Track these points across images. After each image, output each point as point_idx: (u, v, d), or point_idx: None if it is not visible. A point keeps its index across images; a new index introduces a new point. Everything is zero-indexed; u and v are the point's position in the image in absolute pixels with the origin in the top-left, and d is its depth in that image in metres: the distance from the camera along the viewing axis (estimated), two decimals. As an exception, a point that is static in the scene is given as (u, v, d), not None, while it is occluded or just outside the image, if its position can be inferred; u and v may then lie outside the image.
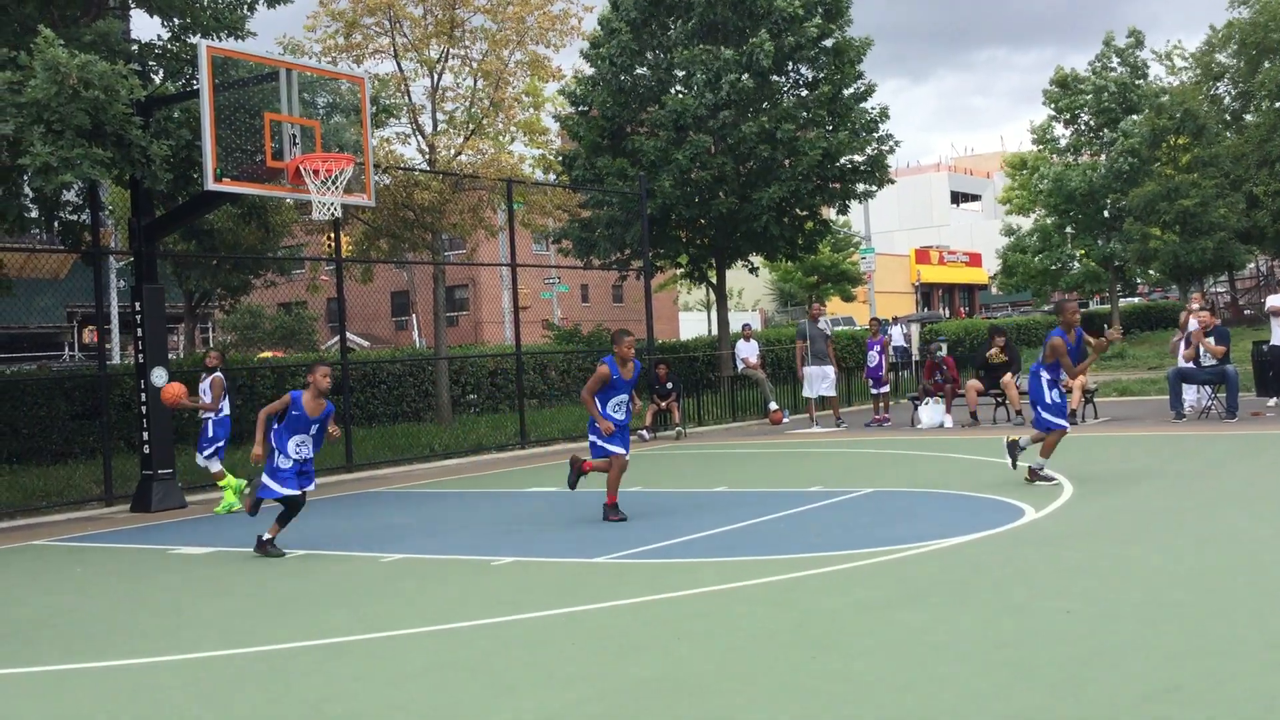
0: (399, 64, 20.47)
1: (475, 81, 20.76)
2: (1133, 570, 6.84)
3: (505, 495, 12.95)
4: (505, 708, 4.82)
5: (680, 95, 24.17)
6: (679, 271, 28.86)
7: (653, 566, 7.89)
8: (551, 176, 24.27)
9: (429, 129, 20.76)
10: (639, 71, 25.15)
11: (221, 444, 12.67)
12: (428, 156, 20.41)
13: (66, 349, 30.93)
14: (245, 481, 12.04)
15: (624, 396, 10.12)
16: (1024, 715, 4.34)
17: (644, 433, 18.95)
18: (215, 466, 12.60)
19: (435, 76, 20.72)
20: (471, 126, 20.52)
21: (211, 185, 12.20)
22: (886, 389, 19.55)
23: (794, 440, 17.46)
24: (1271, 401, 17.18)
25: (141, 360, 13.35)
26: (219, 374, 12.62)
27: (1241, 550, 7.24)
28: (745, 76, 23.17)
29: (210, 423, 12.56)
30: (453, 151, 20.22)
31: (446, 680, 5.34)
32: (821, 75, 24.77)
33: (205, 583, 8.39)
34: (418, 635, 6.23)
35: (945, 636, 5.55)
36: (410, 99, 20.79)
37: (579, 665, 5.43)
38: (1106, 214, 37.40)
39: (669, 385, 19.53)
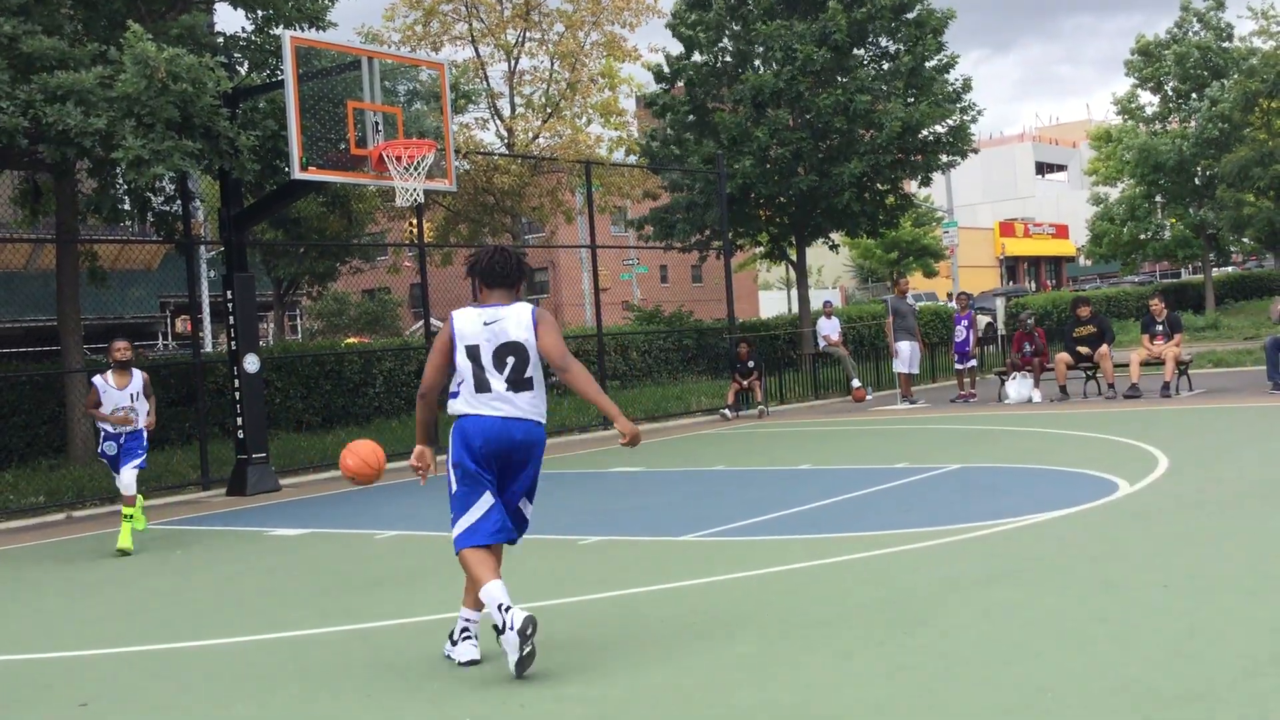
0: (476, 49, 20.64)
1: (552, 64, 20.85)
2: (1230, 543, 6.68)
3: (589, 475, 13.02)
4: (600, 683, 4.86)
5: (759, 71, 24.00)
6: (759, 250, 28.72)
7: (740, 544, 7.89)
8: (631, 158, 24.29)
9: (507, 113, 20.91)
10: (722, 45, 25.02)
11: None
12: (506, 140, 20.57)
13: (160, 338, 31.71)
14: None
15: None
16: (1123, 690, 4.27)
17: (726, 411, 18.93)
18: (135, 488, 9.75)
19: (512, 60, 20.85)
20: (549, 109, 20.62)
21: (298, 174, 12.41)
22: (973, 364, 19.27)
23: (878, 417, 17.31)
24: None
25: (234, 347, 13.65)
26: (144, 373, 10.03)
27: (1347, 523, 7.03)
28: (822, 50, 22.93)
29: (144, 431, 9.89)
30: (531, 135, 20.34)
31: (541, 658, 5.40)
32: (902, 47, 24.43)
33: (302, 563, 8.57)
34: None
35: (1040, 612, 5.47)
36: (488, 84, 20.95)
37: (673, 642, 5.45)
38: (1197, 181, 36.40)
39: (750, 364, 19.46)
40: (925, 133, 24.37)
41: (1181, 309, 32.12)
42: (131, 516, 9.52)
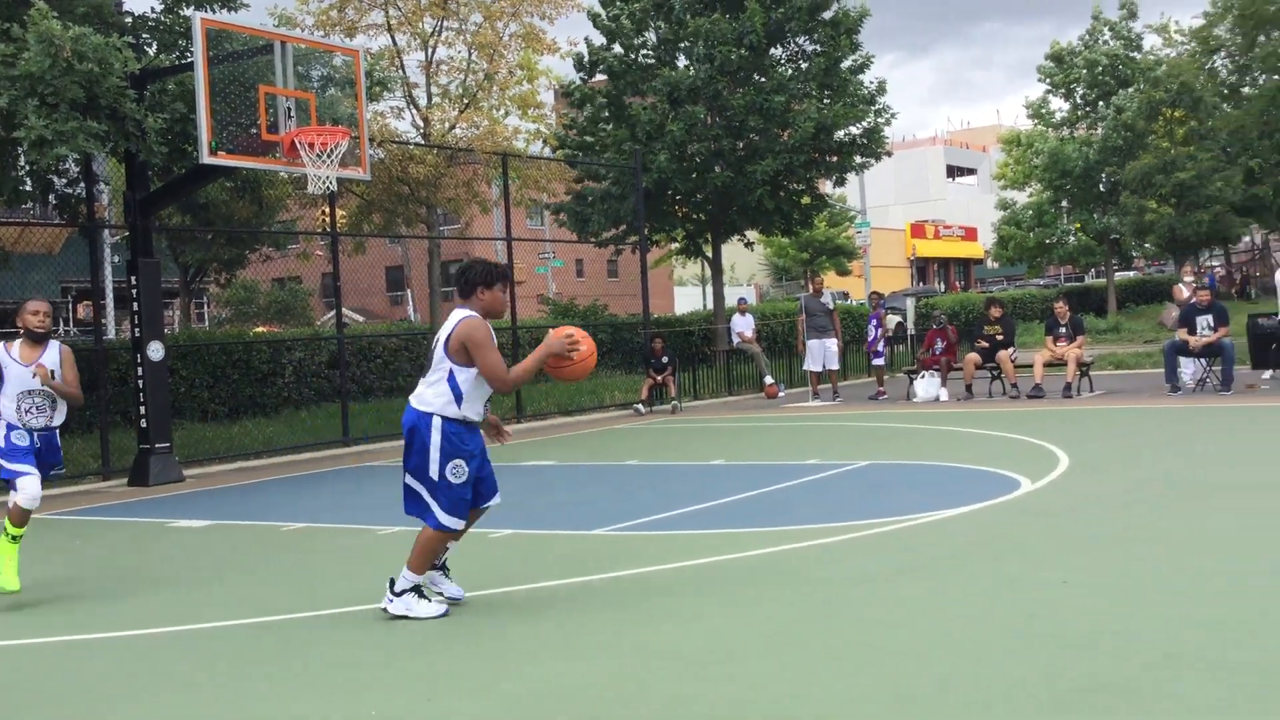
0: (393, 37, 20.39)
1: (469, 54, 20.69)
2: (1127, 541, 6.88)
3: (501, 469, 12.93)
4: (521, 676, 4.85)
5: (681, 67, 24.05)
6: (675, 246, 28.83)
7: (651, 539, 7.92)
8: (547, 150, 24.21)
9: (423, 102, 20.70)
10: (645, 37, 25.03)
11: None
12: (422, 130, 20.37)
13: (61, 324, 30.85)
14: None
15: None
16: (1022, 683, 4.37)
17: (640, 406, 18.99)
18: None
19: (429, 50, 20.64)
20: (466, 100, 20.46)
21: (206, 159, 12.15)
22: (880, 361, 19.57)
23: (790, 414, 17.50)
24: (1267, 374, 17.21)
25: (138, 335, 13.32)
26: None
27: (1235, 521, 7.27)
28: (739, 49, 23.08)
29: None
30: (447, 125, 20.16)
31: (454, 650, 5.36)
32: (818, 48, 24.69)
33: (204, 556, 8.41)
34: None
35: (946, 607, 5.58)
36: (404, 72, 20.72)
37: (589, 636, 5.45)
38: (1102, 188, 37.35)
39: (665, 360, 19.54)
40: (840, 134, 24.67)
41: (1084, 312, 32.96)
42: (19, 540, 7.07)
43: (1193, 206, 33.55)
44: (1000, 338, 17.59)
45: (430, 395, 5.82)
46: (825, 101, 24.32)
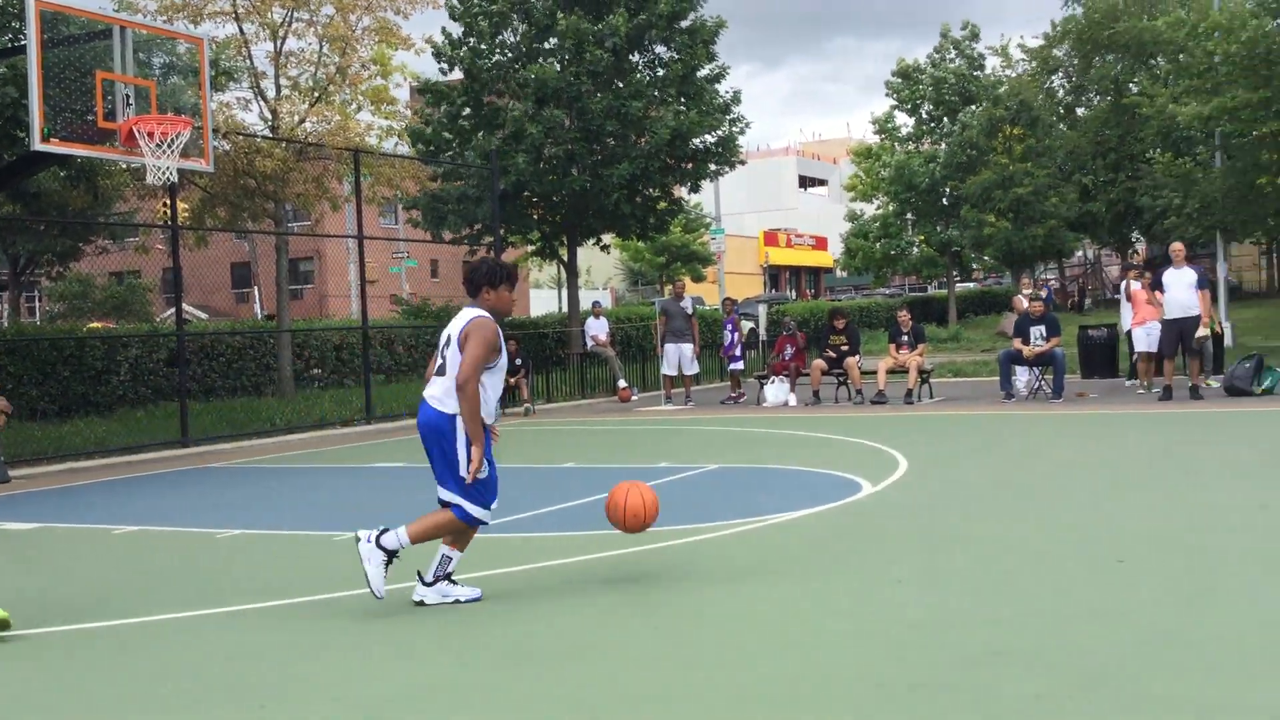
0: (240, 26, 19.82)
1: (321, 46, 20.23)
2: (960, 542, 7.11)
3: (348, 471, 12.71)
4: (359, 680, 4.75)
5: (547, 66, 23.97)
6: (530, 249, 28.74)
7: (496, 541, 7.85)
8: (402, 148, 23.87)
9: (271, 94, 20.17)
10: (503, 36, 24.88)
11: None
12: (270, 123, 19.84)
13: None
14: None
15: None
16: (859, 680, 4.47)
17: (492, 409, 18.85)
18: None
19: (278, 40, 20.12)
20: (316, 93, 20.00)
21: (38, 145, 11.62)
22: (740, 366, 19.88)
23: (643, 417, 17.60)
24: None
25: (-41, 328, 12.64)
26: None
27: (1064, 521, 7.58)
28: (603, 52, 23.16)
29: None
30: (296, 119, 19.68)
31: (288, 657, 5.23)
32: (676, 55, 24.94)
33: (32, 560, 8.01)
34: (254, 611, 6.07)
35: (785, 607, 5.68)
36: (252, 63, 20.15)
37: (429, 639, 5.38)
38: (945, 201, 38.63)
39: (518, 362, 19.44)
40: (696, 141, 24.96)
41: (926, 321, 34.04)
42: None
43: (1029, 221, 34.98)
44: (846, 347, 18.03)
45: (450, 395, 5.83)
46: (682, 109, 24.57)
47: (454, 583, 6.00)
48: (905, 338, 17.89)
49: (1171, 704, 4.02)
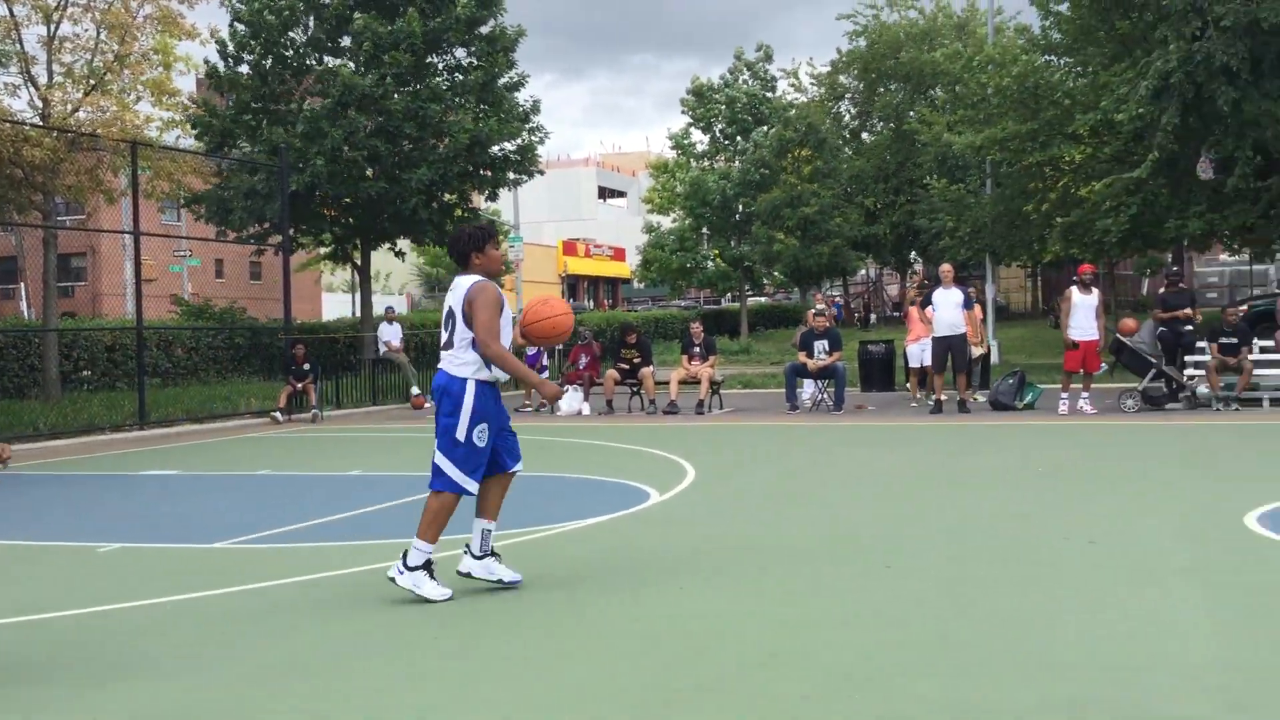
0: (10, 8, 18.65)
1: (99, 33, 19.21)
2: (743, 548, 7.27)
3: (117, 478, 12.07)
4: (117, 697, 4.49)
5: (346, 67, 23.40)
6: (323, 251, 28.00)
7: (275, 551, 7.61)
8: (185, 141, 22.89)
9: (43, 81, 19.03)
10: (293, 35, 24.18)
11: None
12: (40, 111, 18.70)
13: None
14: None
15: None
16: (645, 687, 4.50)
17: (277, 414, 18.27)
18: None
19: (52, 25, 19.00)
20: (93, 82, 18.97)
21: None
22: (544, 375, 19.85)
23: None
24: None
25: None
26: None
27: (839, 528, 7.85)
28: (401, 53, 22.81)
29: None
30: (69, 107, 18.62)
31: (43, 675, 4.90)
32: (476, 61, 24.78)
33: None
34: (5, 627, 5.69)
35: (568, 616, 5.68)
36: (22, 47, 18.98)
37: (196, 653, 5.14)
38: (738, 218, 39.65)
39: (306, 366, 18.89)
40: (495, 148, 24.85)
41: (720, 334, 34.82)
42: None
43: (815, 239, 36.24)
44: (638, 360, 18.29)
45: (460, 363, 5.95)
46: (482, 115, 24.41)
47: (498, 558, 6.20)
48: (697, 349, 18.24)
49: (931, 704, 4.21)
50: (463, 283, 5.98)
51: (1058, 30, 23.15)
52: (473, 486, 5.98)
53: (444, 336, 6.08)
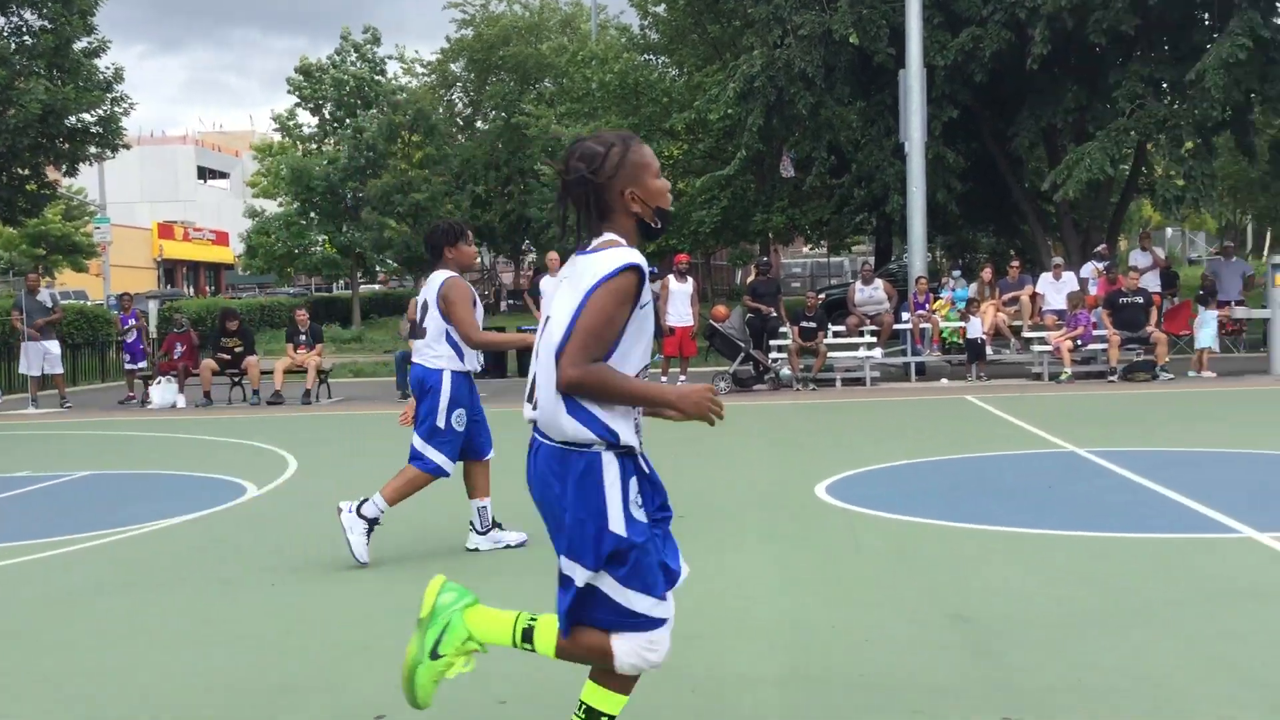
0: None
1: None
2: (338, 539, 7.11)
3: None
4: None
5: None
6: None
7: None
8: None
9: None
10: None
11: None
12: None
13: None
14: None
15: None
16: (216, 689, 4.30)
17: None
18: None
19: None
20: None
21: None
22: (141, 365, 18.50)
23: (6, 422, 15.79)
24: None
25: None
26: None
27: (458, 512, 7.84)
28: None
29: None
30: None
31: None
32: (48, 24, 22.67)
33: None
34: None
35: (153, 618, 5.34)
36: None
37: None
38: (348, 203, 38.72)
39: None
40: (72, 119, 22.86)
41: (331, 321, 33.92)
42: None
43: (426, 226, 36.03)
44: (240, 349, 17.50)
45: (434, 354, 6.36)
46: (56, 83, 22.37)
47: (501, 528, 6.65)
48: (303, 337, 17.68)
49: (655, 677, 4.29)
50: (437, 278, 6.39)
51: (655, 30, 24.30)
52: (449, 468, 6.37)
53: (418, 326, 6.54)
